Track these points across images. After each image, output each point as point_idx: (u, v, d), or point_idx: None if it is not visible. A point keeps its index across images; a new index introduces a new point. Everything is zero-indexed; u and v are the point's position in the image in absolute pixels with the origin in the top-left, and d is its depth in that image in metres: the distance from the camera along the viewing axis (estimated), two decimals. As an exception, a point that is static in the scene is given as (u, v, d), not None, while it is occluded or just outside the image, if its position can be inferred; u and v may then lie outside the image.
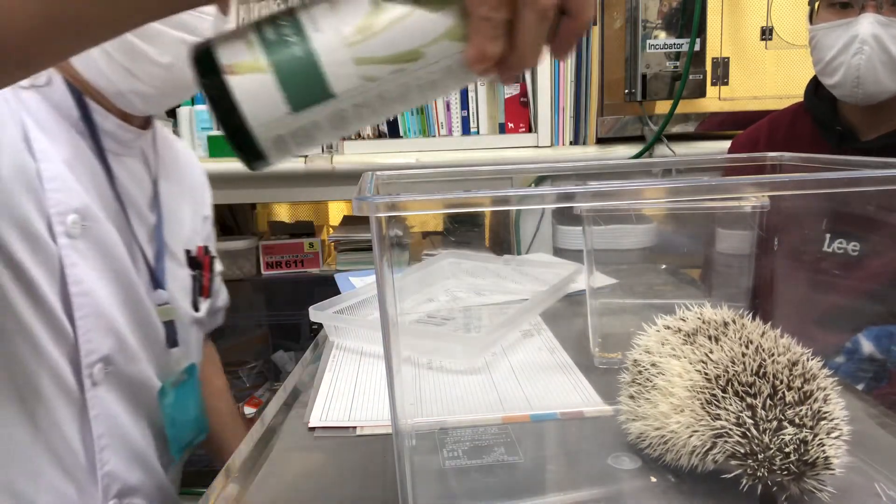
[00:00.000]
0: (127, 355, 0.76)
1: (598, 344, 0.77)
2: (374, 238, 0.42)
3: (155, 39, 0.72)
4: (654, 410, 0.52)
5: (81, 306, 0.70)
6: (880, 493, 0.49)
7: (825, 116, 1.11)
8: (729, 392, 0.48)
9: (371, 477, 0.56)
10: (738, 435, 0.46)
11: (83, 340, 0.70)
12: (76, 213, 0.70)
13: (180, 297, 0.85)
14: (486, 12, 0.34)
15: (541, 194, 0.44)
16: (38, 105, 0.72)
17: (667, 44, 1.52)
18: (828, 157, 0.64)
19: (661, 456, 0.52)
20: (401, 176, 0.70)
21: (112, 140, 0.77)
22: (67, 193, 0.69)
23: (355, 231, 1.78)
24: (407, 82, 0.37)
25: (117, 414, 0.76)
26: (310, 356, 0.89)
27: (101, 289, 0.73)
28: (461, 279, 1.14)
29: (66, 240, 0.69)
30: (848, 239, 0.93)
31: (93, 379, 0.72)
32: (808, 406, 0.46)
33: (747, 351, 0.50)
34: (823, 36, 1.04)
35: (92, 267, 0.72)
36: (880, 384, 0.78)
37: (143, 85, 0.74)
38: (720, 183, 0.52)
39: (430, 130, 1.68)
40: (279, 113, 0.36)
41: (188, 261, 0.88)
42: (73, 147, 0.73)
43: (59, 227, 0.68)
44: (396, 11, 0.35)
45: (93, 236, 0.72)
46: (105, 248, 0.74)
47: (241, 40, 0.36)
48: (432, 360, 0.79)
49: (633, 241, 0.84)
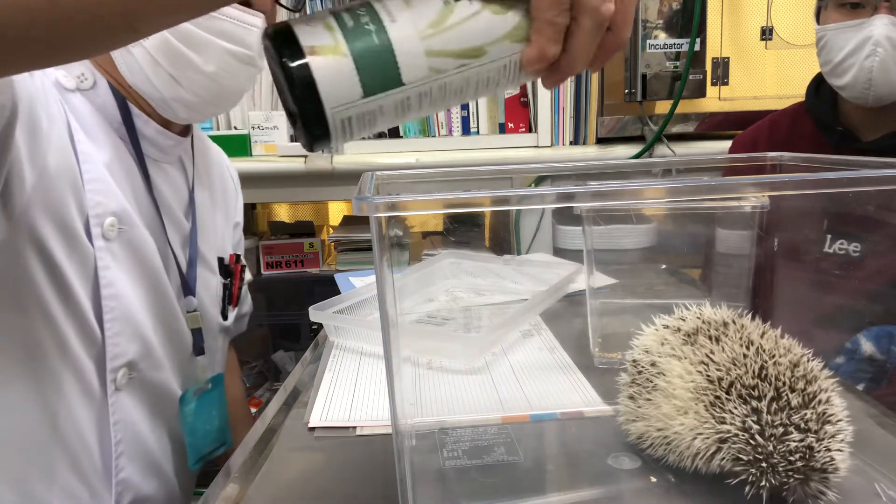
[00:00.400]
0: (152, 361, 0.76)
1: (598, 344, 0.77)
2: (374, 238, 0.42)
3: (201, 48, 0.72)
4: (656, 411, 0.52)
5: (111, 309, 0.70)
6: (880, 493, 0.49)
7: (826, 117, 1.11)
8: (732, 394, 0.48)
9: (371, 477, 0.56)
10: (742, 441, 0.46)
11: (110, 344, 0.70)
12: (114, 216, 0.70)
13: (210, 305, 0.86)
14: (551, 17, 0.38)
15: (541, 194, 0.44)
16: (83, 107, 0.72)
17: (667, 44, 1.52)
18: (828, 158, 0.64)
19: (664, 456, 0.52)
20: (401, 176, 0.70)
21: (152, 146, 0.78)
22: (107, 196, 0.70)
23: (355, 231, 1.78)
24: (468, 76, 0.39)
25: (137, 421, 0.76)
26: (310, 356, 0.89)
27: (132, 293, 0.73)
28: (461, 279, 1.14)
29: (102, 242, 0.69)
30: (849, 240, 0.93)
31: (116, 383, 0.72)
32: (813, 409, 0.46)
33: (748, 352, 0.50)
34: (833, 37, 1.02)
35: (125, 270, 0.72)
36: (880, 384, 0.78)
37: (186, 93, 0.74)
38: (720, 183, 0.52)
39: (430, 130, 1.68)
40: (353, 96, 0.38)
41: (220, 269, 0.89)
42: (114, 150, 0.74)
43: (96, 229, 0.69)
44: (466, 10, 0.38)
45: (128, 240, 0.72)
46: (139, 253, 0.74)
47: (320, 24, 0.37)
48: (432, 360, 0.79)
49: (633, 241, 0.84)
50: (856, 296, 0.90)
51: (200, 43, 0.71)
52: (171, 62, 0.72)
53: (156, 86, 0.73)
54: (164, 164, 0.81)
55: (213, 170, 0.93)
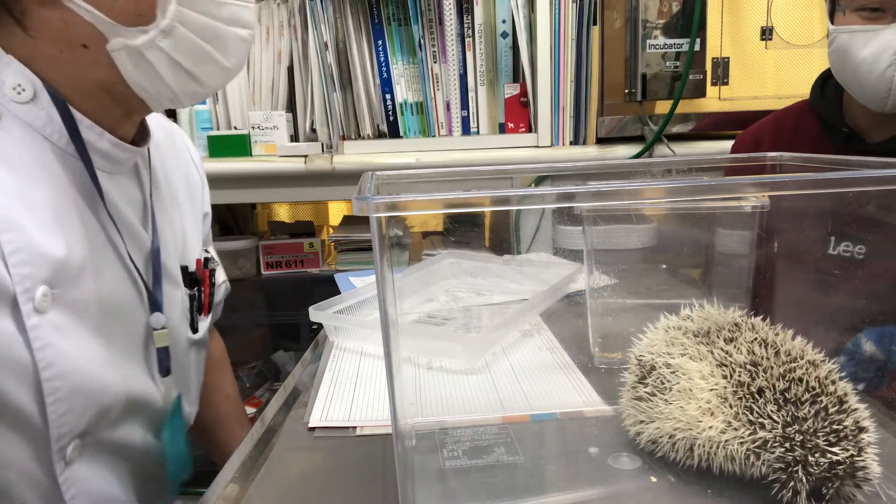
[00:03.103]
0: (111, 419, 0.66)
1: (598, 344, 0.77)
2: (374, 238, 0.42)
3: (224, 44, 0.66)
4: (679, 413, 0.51)
5: (55, 390, 0.59)
6: (880, 493, 0.49)
7: (831, 117, 1.09)
8: (768, 397, 0.48)
9: (371, 477, 0.56)
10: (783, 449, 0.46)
11: (55, 426, 0.60)
12: (45, 285, 0.59)
13: (178, 322, 0.78)
14: None
15: (541, 194, 0.44)
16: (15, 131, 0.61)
17: (667, 44, 1.52)
18: (828, 158, 0.64)
19: (679, 458, 0.52)
20: (401, 176, 0.70)
21: (104, 159, 0.68)
22: (33, 265, 0.58)
23: (355, 231, 1.78)
24: None
25: (100, 486, 0.66)
26: (310, 356, 0.89)
27: (81, 355, 0.62)
28: (461, 279, 1.14)
29: (35, 318, 0.58)
30: (854, 242, 0.92)
31: (66, 459, 0.61)
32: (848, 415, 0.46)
33: (767, 353, 0.50)
34: (851, 41, 0.99)
35: (68, 335, 0.61)
36: (881, 384, 0.78)
37: (200, 87, 0.68)
38: (720, 183, 0.52)
39: (430, 130, 1.68)
40: None
41: (185, 279, 0.80)
42: (55, 181, 0.62)
43: (26, 306, 0.57)
44: None
45: (68, 302, 0.61)
46: (86, 302, 0.63)
47: None
48: (432, 360, 0.79)
49: (633, 241, 0.83)
50: (858, 297, 0.89)
51: (224, 38, 0.66)
52: (195, 61, 0.65)
53: (169, 84, 0.65)
54: (118, 177, 0.71)
55: (170, 163, 0.84)
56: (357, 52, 1.62)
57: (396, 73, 1.65)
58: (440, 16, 1.63)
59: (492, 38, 1.65)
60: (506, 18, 1.63)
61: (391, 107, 1.66)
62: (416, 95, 1.66)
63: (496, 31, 1.64)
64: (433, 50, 1.64)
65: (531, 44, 1.60)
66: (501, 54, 1.65)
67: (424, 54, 1.63)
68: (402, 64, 1.66)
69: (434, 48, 1.64)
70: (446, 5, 1.61)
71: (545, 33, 1.58)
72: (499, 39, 1.64)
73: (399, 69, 1.65)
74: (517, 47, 1.62)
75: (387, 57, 1.64)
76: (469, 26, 1.63)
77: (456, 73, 1.65)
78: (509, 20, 1.62)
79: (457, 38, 1.63)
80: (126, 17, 0.60)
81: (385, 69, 1.64)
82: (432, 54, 1.64)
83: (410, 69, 1.66)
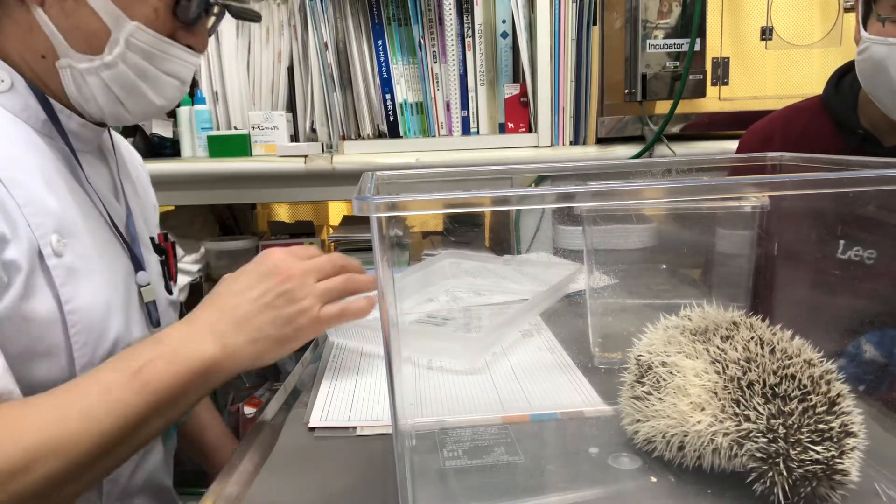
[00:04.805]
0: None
1: (598, 344, 0.77)
2: (374, 238, 0.42)
3: (155, 84, 0.75)
4: (672, 409, 0.51)
5: (75, 323, 0.69)
6: (880, 493, 0.49)
7: (846, 118, 1.05)
8: (756, 390, 0.48)
9: (371, 477, 0.56)
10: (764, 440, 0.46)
11: (77, 356, 0.69)
12: (56, 233, 0.68)
13: (156, 282, 0.86)
14: None
15: (541, 194, 0.44)
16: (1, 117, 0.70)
17: (667, 44, 1.52)
18: (829, 158, 0.64)
19: (675, 456, 0.52)
20: (401, 176, 0.70)
21: (75, 139, 0.76)
22: (44, 215, 0.67)
23: (355, 231, 1.78)
24: None
25: None
26: (310, 356, 0.89)
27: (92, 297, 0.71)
28: (461, 279, 1.14)
29: (54, 260, 0.67)
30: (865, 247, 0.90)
31: None
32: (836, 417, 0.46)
33: (762, 351, 0.50)
34: (889, 54, 0.92)
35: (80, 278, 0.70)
36: (881, 387, 0.78)
37: (127, 114, 0.76)
38: (720, 183, 0.52)
39: (430, 130, 1.68)
40: None
41: (155, 248, 0.90)
42: (41, 153, 0.71)
43: (46, 249, 0.66)
44: None
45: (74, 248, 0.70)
46: (88, 254, 0.72)
47: None
48: (432, 360, 0.79)
49: (633, 241, 0.83)
50: (861, 301, 0.89)
51: (155, 79, 0.74)
52: (126, 93, 0.74)
53: (100, 105, 0.74)
54: (88, 155, 0.80)
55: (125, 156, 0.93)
56: (357, 52, 1.62)
57: (396, 73, 1.65)
58: (440, 16, 1.63)
59: (492, 38, 1.65)
60: (506, 18, 1.63)
61: (391, 107, 1.65)
62: (416, 95, 1.66)
63: (496, 31, 1.64)
64: (433, 50, 1.64)
65: (531, 44, 1.60)
66: (501, 54, 1.65)
67: (424, 54, 1.63)
68: (402, 64, 1.66)
69: (434, 48, 1.64)
70: (446, 5, 1.61)
71: (545, 33, 1.58)
72: (499, 39, 1.64)
73: (399, 69, 1.65)
74: (517, 47, 1.62)
75: (387, 57, 1.64)
76: (469, 26, 1.63)
77: (456, 73, 1.65)
78: (509, 20, 1.62)
79: (457, 38, 1.63)
80: (78, 44, 0.70)
81: (385, 69, 1.64)
82: (432, 54, 1.64)
83: (410, 69, 1.66)
